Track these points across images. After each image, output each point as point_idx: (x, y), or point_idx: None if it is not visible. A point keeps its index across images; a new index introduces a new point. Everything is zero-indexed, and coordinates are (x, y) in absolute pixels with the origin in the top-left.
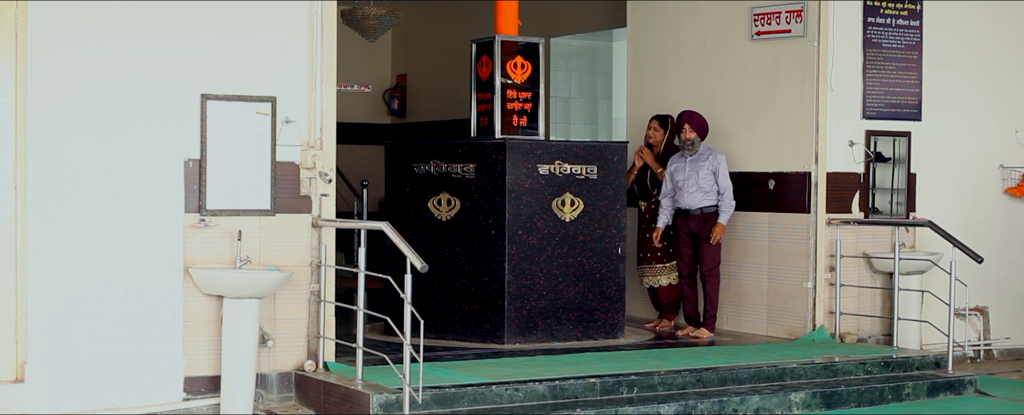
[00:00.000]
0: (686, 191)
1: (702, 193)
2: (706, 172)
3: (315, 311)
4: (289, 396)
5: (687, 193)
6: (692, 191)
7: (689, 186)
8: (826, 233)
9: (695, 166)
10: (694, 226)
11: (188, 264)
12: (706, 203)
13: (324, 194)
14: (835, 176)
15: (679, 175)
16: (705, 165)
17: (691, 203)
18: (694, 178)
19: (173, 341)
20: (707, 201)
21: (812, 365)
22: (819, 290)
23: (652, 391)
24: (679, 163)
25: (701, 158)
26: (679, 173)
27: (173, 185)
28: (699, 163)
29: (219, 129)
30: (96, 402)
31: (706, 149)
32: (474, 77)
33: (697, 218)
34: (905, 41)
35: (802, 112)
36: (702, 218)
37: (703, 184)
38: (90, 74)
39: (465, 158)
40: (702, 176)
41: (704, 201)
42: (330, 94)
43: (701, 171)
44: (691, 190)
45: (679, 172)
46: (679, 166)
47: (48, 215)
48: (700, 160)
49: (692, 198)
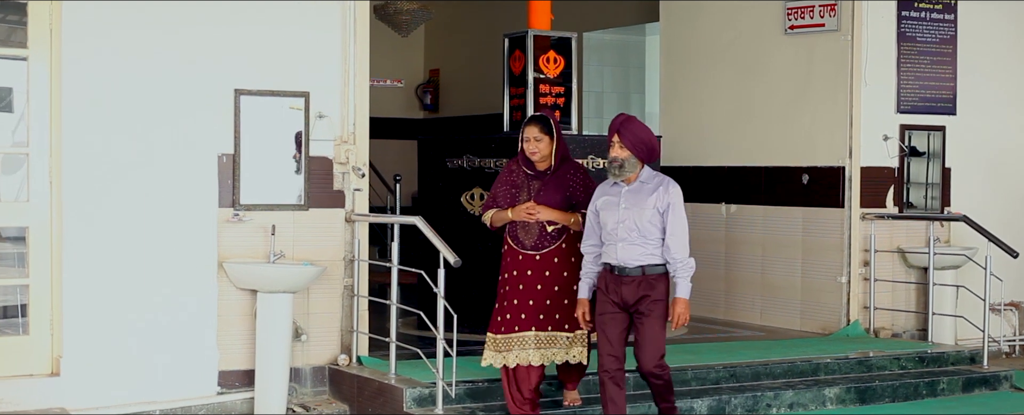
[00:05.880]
0: (617, 239)
1: (644, 243)
2: (650, 211)
3: (349, 305)
4: (323, 390)
5: (619, 242)
6: (628, 240)
7: (622, 232)
8: (860, 228)
9: (634, 201)
10: (629, 294)
11: (222, 259)
12: (649, 260)
13: (357, 189)
14: (869, 170)
15: (608, 214)
16: (650, 201)
17: (625, 259)
18: (631, 220)
19: (207, 335)
20: (650, 257)
21: (846, 360)
22: (853, 285)
23: (685, 386)
24: (609, 195)
25: (644, 189)
26: (608, 211)
27: (207, 180)
28: (640, 197)
29: (252, 124)
30: (130, 396)
31: (652, 176)
32: (507, 72)
33: (634, 283)
34: (940, 35)
35: (836, 106)
36: (642, 283)
37: (645, 229)
38: (124, 69)
39: (498, 153)
40: (646, 217)
41: (646, 256)
42: (363, 89)
43: (644, 209)
44: (626, 238)
45: (608, 209)
46: (609, 200)
47: (83, 210)
48: (642, 193)
49: (628, 251)
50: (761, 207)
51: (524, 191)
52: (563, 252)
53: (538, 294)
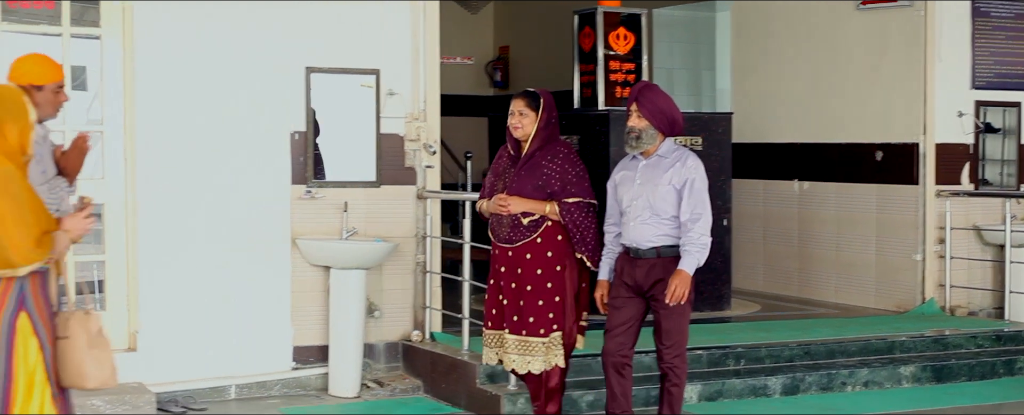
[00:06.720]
0: (631, 217)
1: (658, 222)
2: (665, 188)
3: (421, 282)
4: (396, 366)
5: (633, 221)
6: (642, 218)
7: (637, 208)
8: (935, 205)
9: (649, 177)
10: (643, 278)
11: (295, 235)
12: (664, 241)
13: (428, 166)
14: (944, 147)
15: (625, 190)
16: (665, 177)
17: (639, 239)
18: (647, 196)
19: (281, 311)
20: (665, 238)
21: (922, 338)
22: (928, 262)
23: (759, 363)
24: (627, 170)
25: (661, 164)
26: (626, 186)
27: (280, 157)
28: (656, 172)
29: (324, 102)
30: (206, 371)
31: (672, 149)
32: (576, 48)
33: (648, 265)
34: (1015, 10)
35: (910, 82)
36: (657, 266)
37: (659, 207)
38: (196, 48)
39: (568, 130)
40: (660, 195)
41: (660, 237)
42: (433, 66)
43: (659, 186)
44: (640, 216)
45: (625, 186)
46: (626, 175)
47: (157, 187)
48: (659, 168)
49: (641, 231)
50: (834, 184)
51: (503, 179)
52: (537, 247)
53: (511, 292)
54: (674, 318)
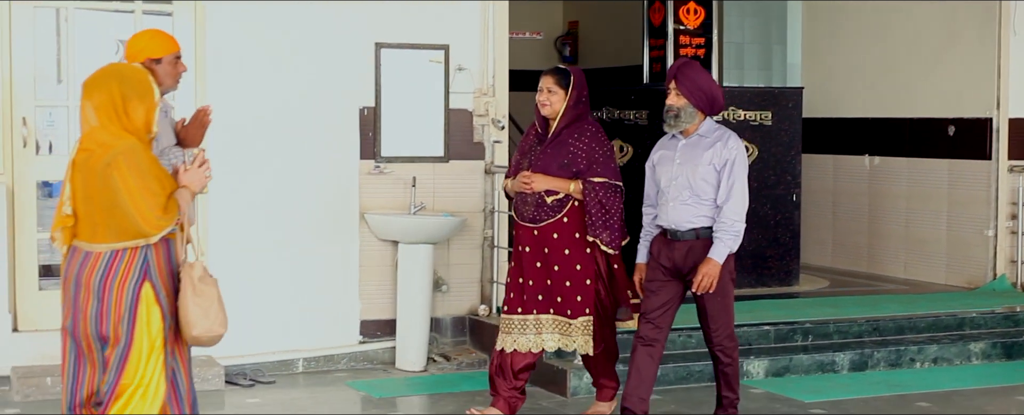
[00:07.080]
0: (669, 198)
1: (698, 203)
2: (705, 168)
3: (488, 257)
4: (463, 340)
5: (673, 201)
6: (680, 199)
7: (675, 189)
8: (1008, 180)
9: (689, 156)
10: (680, 259)
11: (363, 210)
12: (703, 223)
13: (497, 141)
14: (1018, 122)
15: (664, 169)
16: (706, 156)
17: (677, 220)
18: (684, 176)
19: (350, 285)
20: (704, 219)
21: (992, 315)
22: (1000, 238)
23: (827, 339)
24: (666, 150)
25: (701, 143)
26: (664, 167)
27: (349, 132)
28: (696, 152)
29: (393, 77)
30: (275, 344)
31: (713, 129)
32: (646, 23)
33: (686, 247)
34: None
35: (983, 56)
36: (694, 248)
37: (699, 187)
38: (268, 24)
39: (637, 105)
40: (700, 175)
41: (699, 218)
42: (502, 42)
43: (698, 166)
44: (678, 196)
45: (664, 165)
46: (665, 154)
47: (226, 161)
48: (699, 147)
49: (679, 212)
50: (905, 159)
51: (528, 157)
52: (565, 227)
53: (537, 273)
54: (717, 299)
